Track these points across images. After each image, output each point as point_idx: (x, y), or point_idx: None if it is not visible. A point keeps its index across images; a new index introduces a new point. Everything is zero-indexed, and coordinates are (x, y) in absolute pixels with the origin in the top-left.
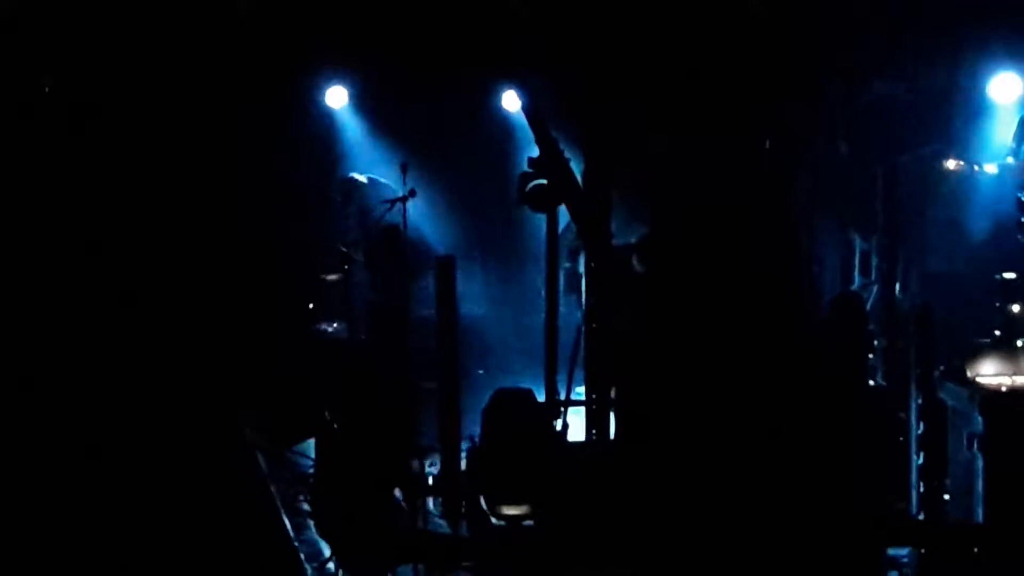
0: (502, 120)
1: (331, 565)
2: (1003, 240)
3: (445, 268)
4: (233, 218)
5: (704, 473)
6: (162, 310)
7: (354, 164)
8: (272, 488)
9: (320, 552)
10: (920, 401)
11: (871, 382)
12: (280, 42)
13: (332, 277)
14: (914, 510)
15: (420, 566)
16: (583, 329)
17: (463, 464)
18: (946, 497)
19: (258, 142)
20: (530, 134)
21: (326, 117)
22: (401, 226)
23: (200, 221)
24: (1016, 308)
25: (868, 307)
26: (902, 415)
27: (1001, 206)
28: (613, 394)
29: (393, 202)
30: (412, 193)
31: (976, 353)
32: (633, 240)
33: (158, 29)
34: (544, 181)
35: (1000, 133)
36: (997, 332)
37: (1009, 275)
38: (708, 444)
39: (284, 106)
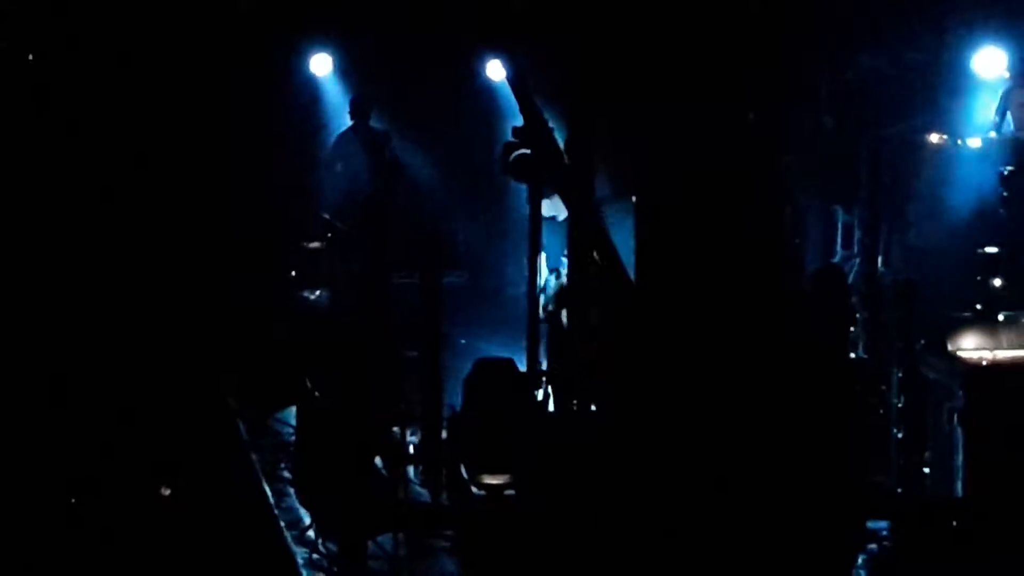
0: (486, 89)
1: (311, 533)
2: (985, 214)
3: (429, 239)
4: (215, 186)
5: (684, 445)
6: (144, 278)
7: (338, 132)
8: (253, 455)
9: (300, 520)
10: (901, 375)
11: (852, 355)
12: (264, 9)
13: (314, 245)
14: (894, 483)
15: (400, 534)
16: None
17: (444, 433)
18: (926, 470)
19: (241, 109)
20: (514, 103)
21: (310, 84)
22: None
23: (183, 189)
24: (998, 282)
25: (850, 280)
26: (883, 388)
27: (984, 181)
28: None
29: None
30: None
31: (957, 327)
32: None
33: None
34: (527, 151)
35: (983, 107)
36: (978, 306)
37: (991, 249)
38: (688, 416)
39: (268, 73)
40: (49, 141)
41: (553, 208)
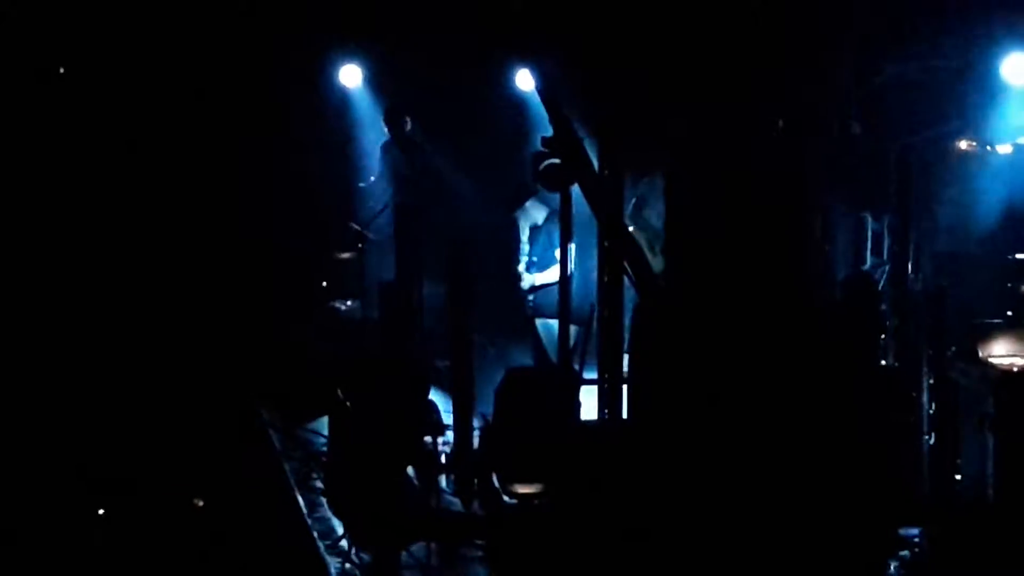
0: (516, 99)
1: (344, 543)
2: (1015, 221)
3: (458, 248)
4: (248, 197)
5: (716, 452)
6: (178, 289)
7: (368, 143)
8: (286, 466)
9: (333, 530)
10: (932, 381)
11: (883, 362)
12: (294, 20)
13: (346, 255)
14: (925, 490)
15: (433, 543)
16: (596, 307)
17: (476, 442)
18: (957, 477)
19: (273, 120)
20: (544, 113)
21: (340, 95)
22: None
23: (216, 200)
24: None
25: (880, 288)
26: (914, 395)
27: (1014, 186)
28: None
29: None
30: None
31: (988, 334)
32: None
33: (172, 8)
34: (557, 160)
35: (1013, 113)
36: (1009, 313)
37: (1021, 256)
38: (720, 423)
39: (298, 85)
40: (82, 158)
41: (526, 216)
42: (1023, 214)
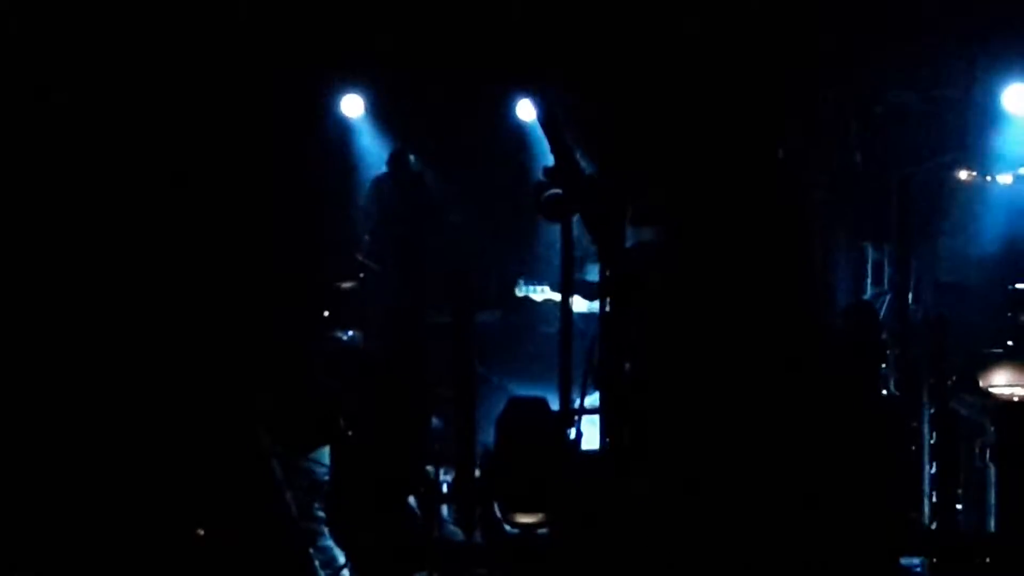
0: (517, 129)
1: (346, 572)
2: (1016, 251)
3: (460, 277)
4: (248, 226)
5: (717, 482)
6: (178, 317)
7: (369, 173)
8: (287, 496)
9: (335, 559)
10: (933, 411)
11: (884, 392)
12: (294, 50)
13: (347, 285)
14: (926, 520)
15: (434, 573)
16: (597, 338)
17: (478, 472)
18: (958, 507)
19: (272, 149)
20: (545, 143)
21: (341, 125)
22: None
23: (215, 229)
24: None
25: (881, 317)
26: (914, 424)
27: (1014, 216)
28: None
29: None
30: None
31: (988, 364)
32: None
33: (166, 39)
34: (559, 191)
35: (1014, 144)
36: (1009, 343)
37: (1021, 285)
38: (721, 452)
39: (299, 115)
40: (83, 183)
41: None
42: (1023, 243)
